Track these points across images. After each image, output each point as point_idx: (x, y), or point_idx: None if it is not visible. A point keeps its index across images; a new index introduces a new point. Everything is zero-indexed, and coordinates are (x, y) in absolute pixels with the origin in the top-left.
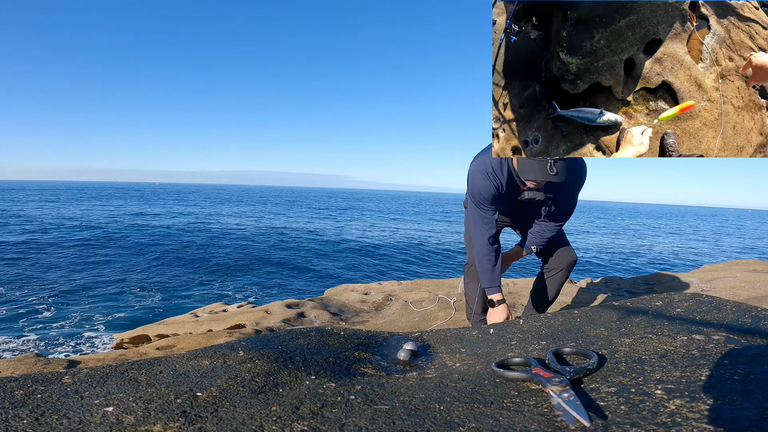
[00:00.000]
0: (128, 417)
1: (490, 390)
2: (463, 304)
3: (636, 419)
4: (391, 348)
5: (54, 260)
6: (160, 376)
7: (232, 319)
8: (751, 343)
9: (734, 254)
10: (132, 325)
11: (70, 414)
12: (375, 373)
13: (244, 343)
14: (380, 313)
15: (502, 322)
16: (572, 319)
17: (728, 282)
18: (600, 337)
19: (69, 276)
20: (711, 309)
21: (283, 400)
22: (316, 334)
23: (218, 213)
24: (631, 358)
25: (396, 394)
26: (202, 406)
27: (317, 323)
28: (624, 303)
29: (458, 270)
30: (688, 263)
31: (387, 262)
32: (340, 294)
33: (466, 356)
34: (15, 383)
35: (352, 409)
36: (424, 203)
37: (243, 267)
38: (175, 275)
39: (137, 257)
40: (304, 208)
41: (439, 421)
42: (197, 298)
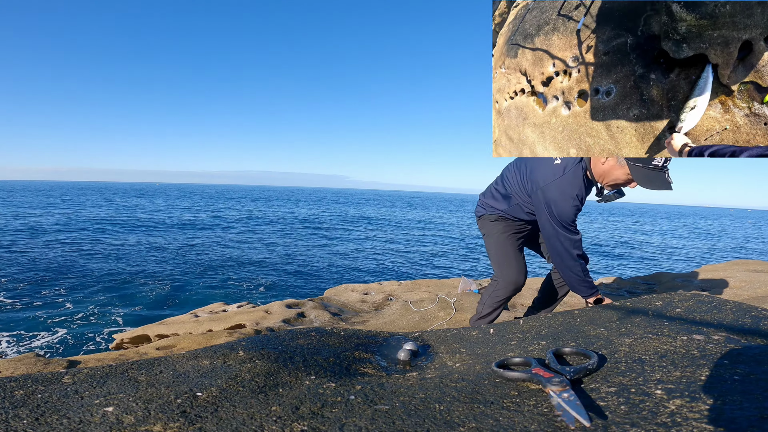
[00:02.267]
0: (128, 417)
1: (490, 390)
2: (463, 304)
3: (636, 419)
4: (391, 348)
5: (53, 261)
6: (160, 376)
7: (232, 319)
8: (751, 343)
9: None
10: (132, 325)
11: (70, 414)
12: (375, 373)
13: (244, 343)
14: (380, 313)
15: (502, 323)
16: (572, 319)
17: (728, 282)
18: (600, 337)
19: (69, 276)
20: (711, 309)
21: (283, 400)
22: (316, 334)
23: (219, 213)
24: (631, 358)
25: (396, 394)
26: (202, 406)
27: (317, 323)
28: (624, 303)
29: (458, 270)
30: (688, 263)
31: (387, 262)
32: (340, 294)
33: (466, 356)
34: (15, 383)
35: (352, 409)
36: (424, 203)
37: (243, 267)
38: (175, 275)
39: (137, 257)
40: (305, 207)
41: (439, 421)
42: (197, 298)
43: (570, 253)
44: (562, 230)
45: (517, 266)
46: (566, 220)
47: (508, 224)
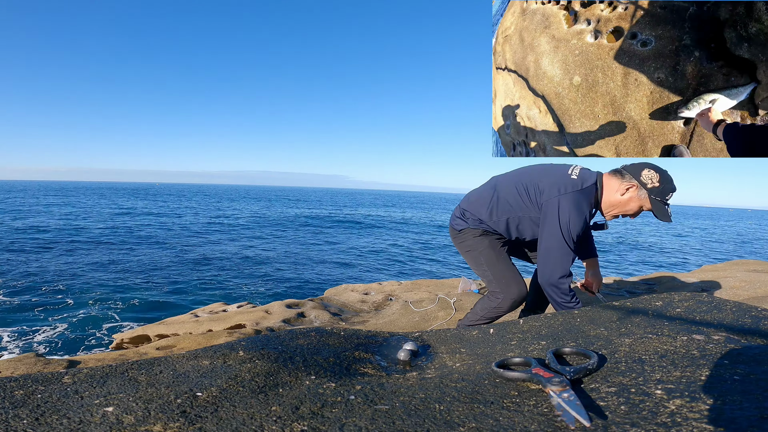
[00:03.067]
0: (128, 417)
1: (490, 390)
2: (463, 304)
3: (636, 419)
4: (391, 348)
5: (53, 260)
6: (160, 376)
7: (232, 319)
8: (751, 343)
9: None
10: (132, 325)
11: (70, 414)
12: (375, 373)
13: (244, 343)
14: (380, 313)
15: (502, 323)
16: (572, 319)
17: (728, 282)
18: (600, 337)
19: (69, 276)
20: (711, 309)
21: (283, 400)
22: (316, 334)
23: (219, 213)
24: (631, 358)
25: (396, 394)
26: (202, 406)
27: (317, 323)
28: (624, 303)
29: (458, 270)
30: (688, 263)
31: (387, 262)
32: (340, 294)
33: (466, 356)
34: (15, 383)
35: (352, 409)
36: (424, 203)
37: (243, 267)
38: (176, 275)
39: (137, 257)
40: (305, 207)
41: (439, 421)
42: (197, 298)
43: (560, 288)
44: (565, 244)
45: (520, 280)
46: (574, 234)
47: (492, 238)
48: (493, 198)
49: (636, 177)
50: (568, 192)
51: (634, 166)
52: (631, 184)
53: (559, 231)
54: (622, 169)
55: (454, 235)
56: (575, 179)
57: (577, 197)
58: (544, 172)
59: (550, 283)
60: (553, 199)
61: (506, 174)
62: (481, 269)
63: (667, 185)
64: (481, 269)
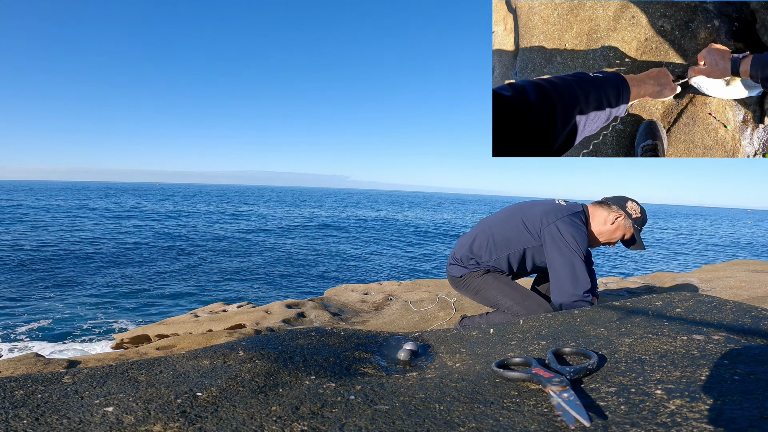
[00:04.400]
0: (128, 417)
1: (490, 390)
2: (463, 304)
3: (636, 419)
4: (391, 348)
5: (53, 260)
6: (160, 376)
7: (232, 319)
8: (751, 343)
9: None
10: (132, 325)
11: (70, 414)
12: (375, 373)
13: (244, 343)
14: (380, 313)
15: (502, 323)
16: (572, 319)
17: (728, 282)
18: (600, 337)
19: (69, 276)
20: (711, 309)
21: (283, 400)
22: (316, 334)
23: (219, 213)
24: (631, 358)
25: (396, 394)
26: (202, 406)
27: (317, 323)
28: (624, 303)
29: None
30: (688, 263)
31: (387, 262)
32: (340, 294)
33: (466, 356)
34: (15, 383)
35: (352, 409)
36: (424, 203)
37: (243, 267)
38: (175, 275)
39: (137, 257)
40: (305, 207)
41: (439, 421)
42: (197, 298)
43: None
44: (578, 259)
45: (537, 297)
46: (583, 249)
47: (496, 274)
48: (490, 239)
49: (623, 208)
50: (564, 216)
51: (616, 199)
52: (620, 215)
53: (569, 250)
54: (604, 201)
55: (455, 282)
56: (564, 206)
57: (572, 219)
58: (533, 205)
59: (573, 301)
60: (551, 225)
61: (494, 215)
62: (497, 301)
63: (645, 215)
64: (498, 301)
